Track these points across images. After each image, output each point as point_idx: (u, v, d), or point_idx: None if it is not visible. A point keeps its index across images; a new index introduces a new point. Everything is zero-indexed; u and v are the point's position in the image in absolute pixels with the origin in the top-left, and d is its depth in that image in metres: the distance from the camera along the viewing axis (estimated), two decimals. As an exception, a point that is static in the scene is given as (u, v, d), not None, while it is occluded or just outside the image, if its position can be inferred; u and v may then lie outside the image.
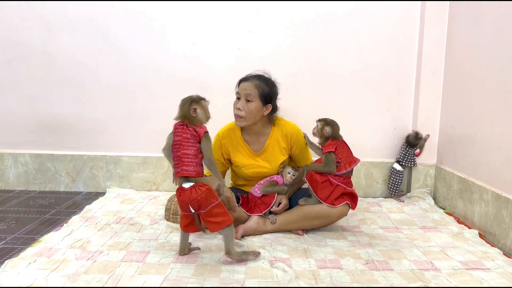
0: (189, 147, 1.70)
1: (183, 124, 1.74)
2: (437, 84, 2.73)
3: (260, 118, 2.15)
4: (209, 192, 1.69)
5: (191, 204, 1.67)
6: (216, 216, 1.69)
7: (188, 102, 1.76)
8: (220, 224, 1.69)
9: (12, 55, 2.85)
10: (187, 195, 1.67)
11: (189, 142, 1.70)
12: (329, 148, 2.06)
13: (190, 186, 1.68)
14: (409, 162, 2.75)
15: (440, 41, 2.70)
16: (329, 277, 1.63)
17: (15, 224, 2.22)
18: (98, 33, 2.81)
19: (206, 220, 1.70)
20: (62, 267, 1.67)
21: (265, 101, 2.12)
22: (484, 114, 2.24)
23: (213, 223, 1.69)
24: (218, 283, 1.57)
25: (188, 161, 1.69)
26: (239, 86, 2.14)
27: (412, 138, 2.74)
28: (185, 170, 1.69)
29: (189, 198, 1.67)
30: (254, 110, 2.10)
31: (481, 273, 1.69)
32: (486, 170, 2.21)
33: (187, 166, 1.69)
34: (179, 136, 1.72)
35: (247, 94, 2.08)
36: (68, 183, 2.95)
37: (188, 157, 1.69)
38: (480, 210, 2.20)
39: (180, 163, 1.70)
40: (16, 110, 2.90)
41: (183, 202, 1.69)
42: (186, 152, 1.70)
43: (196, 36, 2.80)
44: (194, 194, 1.66)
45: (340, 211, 2.07)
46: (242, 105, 2.10)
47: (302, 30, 2.78)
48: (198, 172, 1.71)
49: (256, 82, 2.11)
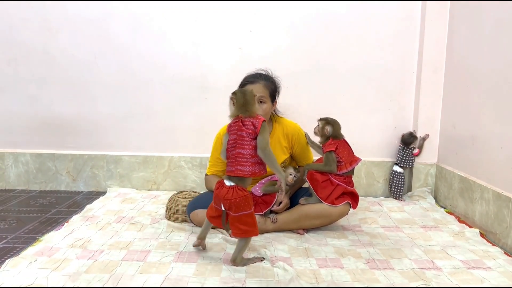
0: (244, 145, 1.65)
1: (237, 121, 1.68)
2: (438, 83, 2.73)
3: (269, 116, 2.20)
4: (245, 199, 1.64)
5: (223, 202, 1.65)
6: (243, 224, 1.66)
7: (247, 92, 1.72)
8: (245, 233, 1.67)
9: (12, 55, 2.85)
10: (223, 193, 1.64)
11: (243, 141, 1.65)
12: (329, 148, 2.06)
13: (231, 185, 1.65)
14: (407, 163, 2.75)
15: (441, 40, 2.69)
16: (330, 276, 1.63)
17: (16, 224, 2.22)
18: (99, 33, 2.81)
19: (233, 223, 1.67)
20: (63, 266, 1.67)
21: (273, 98, 2.16)
22: (485, 113, 2.24)
23: (238, 229, 1.66)
24: (219, 282, 1.57)
25: (243, 161, 1.64)
26: None
27: (406, 136, 2.75)
28: (239, 170, 1.64)
29: (224, 196, 1.64)
30: (268, 110, 2.14)
31: (482, 272, 1.68)
32: (487, 169, 2.21)
33: (242, 166, 1.64)
34: (234, 135, 1.67)
35: (260, 96, 2.08)
36: (68, 183, 2.95)
37: (243, 157, 1.64)
38: (481, 209, 2.20)
39: (235, 162, 1.65)
40: (17, 109, 2.90)
41: (217, 197, 1.67)
42: (241, 152, 1.65)
43: (196, 35, 2.80)
44: (229, 195, 1.63)
45: (341, 211, 2.07)
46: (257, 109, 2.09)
47: (303, 29, 2.77)
48: (254, 172, 1.65)
49: (264, 82, 2.11)
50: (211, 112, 2.85)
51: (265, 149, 1.64)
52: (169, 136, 2.92)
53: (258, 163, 1.67)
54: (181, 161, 2.91)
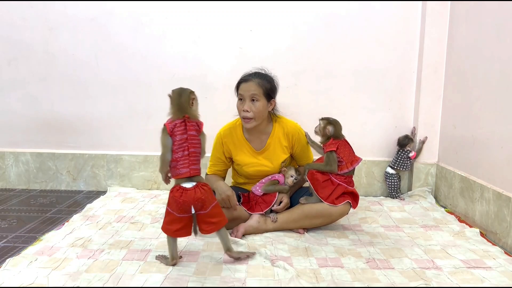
0: (195, 144, 1.65)
1: (183, 120, 1.66)
2: (438, 82, 2.73)
3: (266, 115, 2.15)
4: (211, 191, 1.68)
5: (194, 204, 1.61)
6: (214, 217, 1.67)
7: (188, 92, 1.70)
8: (217, 224, 1.68)
9: (13, 54, 2.85)
10: (190, 195, 1.60)
11: (195, 138, 1.65)
12: (330, 147, 2.06)
13: (193, 185, 1.63)
14: (402, 165, 2.75)
15: (441, 39, 2.69)
16: (330, 276, 1.63)
17: (16, 223, 2.23)
18: (99, 32, 2.81)
19: (206, 220, 1.66)
20: (63, 265, 1.67)
21: (269, 97, 2.13)
22: (485, 113, 2.24)
23: (210, 223, 1.66)
24: (219, 281, 1.57)
25: (195, 159, 1.65)
26: (241, 88, 2.12)
27: (401, 138, 2.77)
28: (194, 169, 1.64)
29: (193, 198, 1.60)
30: (262, 109, 2.10)
31: (482, 272, 1.68)
32: (487, 168, 2.21)
33: (195, 164, 1.65)
34: (185, 134, 1.64)
35: (252, 94, 2.08)
36: (69, 182, 2.95)
37: (196, 155, 1.65)
38: (481, 209, 2.20)
39: (188, 162, 1.63)
40: (17, 109, 2.91)
41: (186, 203, 1.60)
42: (194, 151, 1.65)
43: (197, 35, 2.80)
44: (198, 194, 1.61)
45: (341, 210, 2.07)
46: (249, 106, 2.09)
47: (303, 29, 2.77)
48: (200, 170, 1.68)
49: (258, 80, 2.10)
50: (211, 112, 2.82)
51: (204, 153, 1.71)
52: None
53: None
54: (182, 160, 2.91)
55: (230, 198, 2.04)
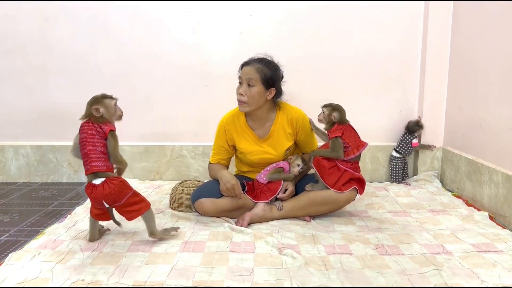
0: (95, 143, 1.68)
1: (88, 121, 1.72)
2: (443, 64, 2.68)
3: (263, 103, 2.10)
4: (122, 184, 1.69)
5: (105, 199, 1.66)
6: (132, 205, 1.70)
7: (90, 102, 1.75)
8: (138, 211, 1.71)
9: (8, 46, 2.80)
10: (99, 192, 1.65)
11: (94, 138, 1.68)
12: (335, 133, 2.02)
13: (102, 181, 1.66)
14: (404, 150, 2.71)
15: (446, 20, 2.63)
16: (339, 263, 1.60)
17: (18, 217, 2.20)
18: (96, 21, 2.75)
19: (124, 210, 1.71)
20: (67, 258, 1.64)
21: (267, 85, 2.06)
22: (492, 94, 2.19)
23: (130, 212, 1.70)
24: (226, 271, 1.55)
25: (96, 157, 1.67)
26: (241, 71, 2.08)
27: (411, 124, 2.72)
28: (95, 166, 1.66)
29: (102, 194, 1.64)
30: (257, 95, 2.05)
31: (493, 256, 1.66)
32: (496, 151, 2.17)
33: (96, 161, 1.67)
34: (85, 133, 1.70)
35: (249, 78, 2.03)
36: (70, 174, 2.92)
37: (95, 153, 1.67)
38: (490, 192, 2.16)
39: (88, 160, 1.67)
40: (15, 101, 2.86)
41: (96, 199, 1.67)
42: (92, 148, 1.67)
43: (195, 21, 2.74)
44: (107, 189, 1.64)
45: (348, 196, 2.04)
46: (244, 90, 2.04)
47: (304, 13, 2.71)
48: (108, 167, 1.69)
49: (258, 65, 2.05)
50: (212, 100, 2.81)
51: (117, 157, 1.73)
52: (170, 125, 2.88)
53: (108, 159, 1.72)
54: (183, 150, 2.88)
55: (234, 187, 2.01)
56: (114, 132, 1.74)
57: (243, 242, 1.80)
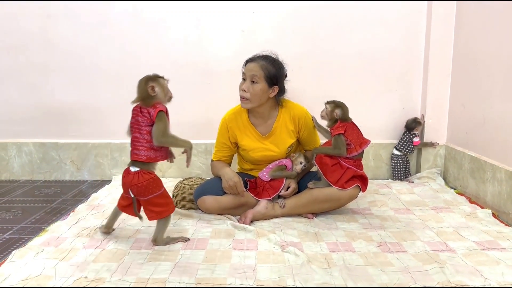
0: (141, 130, 1.66)
1: (138, 106, 1.69)
2: (446, 62, 2.67)
3: (266, 100, 2.09)
4: (152, 181, 1.66)
5: (131, 188, 1.66)
6: (156, 206, 1.68)
7: (144, 80, 1.70)
8: (159, 214, 1.69)
9: (11, 43, 2.80)
10: (129, 179, 1.65)
11: (141, 124, 1.66)
12: (338, 130, 2.01)
13: (136, 171, 1.66)
14: (405, 148, 2.71)
15: (449, 17, 2.62)
16: (342, 261, 1.60)
17: (21, 214, 2.20)
18: (99, 18, 2.75)
19: (146, 207, 1.69)
20: (70, 256, 1.65)
21: (271, 82, 2.06)
22: (495, 91, 2.18)
23: (152, 211, 1.68)
24: (229, 268, 1.55)
25: (139, 145, 1.66)
26: (245, 67, 2.08)
27: (409, 121, 2.73)
28: (135, 154, 1.66)
29: (130, 182, 1.65)
30: (259, 92, 2.04)
31: (496, 253, 1.65)
32: (499, 148, 2.16)
33: (137, 149, 1.66)
34: (134, 118, 1.69)
35: (252, 75, 2.03)
36: (73, 172, 2.93)
37: (139, 140, 1.66)
38: (493, 189, 2.16)
39: (132, 146, 1.68)
40: (18, 99, 2.86)
41: (125, 185, 1.68)
42: (138, 136, 1.66)
43: (197, 19, 2.74)
44: (135, 180, 1.64)
45: (351, 194, 2.03)
46: (247, 87, 2.04)
47: (307, 10, 2.70)
48: (149, 157, 1.66)
49: (262, 62, 2.05)
50: (214, 97, 2.80)
51: (159, 139, 1.65)
52: (172, 123, 2.85)
53: (155, 149, 1.67)
54: (186, 147, 2.87)
55: (237, 184, 2.01)
56: (163, 113, 1.67)
57: (245, 240, 1.80)
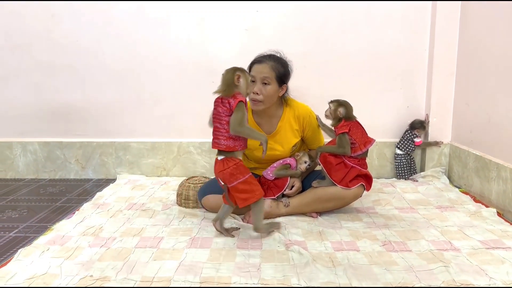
0: (222, 120, 1.72)
1: (219, 97, 1.76)
2: (451, 59, 2.66)
3: (276, 100, 2.10)
4: (236, 168, 1.72)
5: (218, 175, 1.75)
6: (241, 192, 1.73)
7: (233, 69, 1.77)
8: (245, 200, 1.73)
9: (15, 42, 2.81)
10: (217, 167, 1.75)
11: (221, 115, 1.72)
12: (342, 129, 2.01)
13: (222, 158, 1.74)
14: (406, 147, 2.71)
15: (454, 15, 2.61)
16: (346, 260, 1.60)
17: (26, 213, 2.21)
18: (102, 18, 2.76)
19: (234, 195, 1.75)
20: (76, 254, 1.66)
21: (281, 82, 2.06)
22: (500, 90, 2.17)
23: (239, 198, 1.74)
24: (233, 267, 1.55)
25: (219, 134, 1.73)
26: (253, 69, 2.07)
27: (415, 122, 2.73)
28: (215, 143, 1.75)
29: (217, 170, 1.75)
30: (272, 93, 2.05)
31: (502, 252, 1.65)
32: (504, 147, 2.15)
33: (217, 139, 1.74)
34: (215, 109, 1.76)
35: (264, 77, 2.02)
36: (78, 171, 2.94)
37: (219, 130, 1.73)
38: (498, 188, 2.15)
39: (213, 136, 1.76)
40: (23, 98, 2.88)
41: (215, 173, 1.78)
42: (219, 126, 1.73)
43: (201, 18, 2.74)
44: (221, 167, 1.73)
45: (355, 193, 2.03)
46: (260, 89, 2.03)
47: (311, 8, 2.70)
48: (228, 146, 1.73)
49: (272, 63, 2.04)
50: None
51: (235, 128, 1.69)
52: (177, 122, 2.89)
53: (234, 139, 1.73)
54: (190, 146, 2.88)
55: None
56: (243, 103, 1.72)
57: (250, 239, 1.81)
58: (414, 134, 2.71)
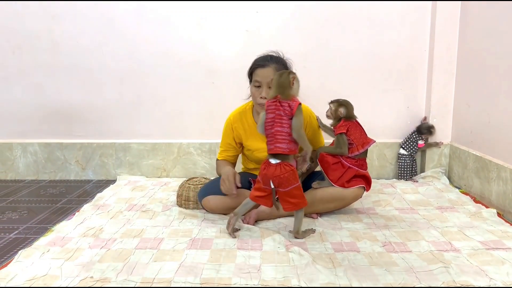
0: (283, 124, 1.72)
1: (275, 101, 1.74)
2: (451, 60, 2.66)
3: None
4: (292, 173, 1.73)
5: (272, 179, 1.72)
6: (293, 197, 1.76)
7: (288, 72, 1.79)
8: (295, 205, 1.77)
9: (16, 43, 2.81)
10: (271, 171, 1.72)
11: (282, 118, 1.72)
12: (340, 130, 2.01)
13: (277, 163, 1.73)
14: (409, 148, 2.71)
15: (454, 16, 2.61)
16: (346, 261, 1.60)
17: (27, 214, 2.21)
18: (103, 18, 2.76)
19: (284, 198, 1.77)
20: (76, 256, 1.66)
21: None
22: (500, 91, 2.17)
23: (289, 203, 1.77)
24: (234, 268, 1.55)
25: (281, 138, 1.72)
26: (257, 73, 2.04)
27: (423, 126, 2.72)
28: (279, 147, 1.73)
29: (272, 174, 1.72)
30: None
31: (502, 253, 1.65)
32: (504, 147, 2.15)
33: (281, 143, 1.72)
34: (273, 113, 1.74)
35: (270, 81, 2.00)
36: (78, 172, 2.94)
37: (282, 134, 1.72)
38: (498, 189, 2.15)
39: (274, 140, 1.74)
40: (23, 99, 2.88)
41: (266, 176, 1.74)
42: (280, 129, 1.72)
43: (202, 18, 2.74)
44: (278, 171, 1.71)
45: (355, 193, 2.03)
46: (267, 93, 2.02)
47: (311, 9, 2.70)
48: (291, 149, 1.74)
49: (274, 65, 2.02)
50: (219, 97, 2.81)
51: (299, 131, 1.73)
52: (177, 123, 2.89)
53: (294, 142, 1.75)
54: (190, 147, 2.88)
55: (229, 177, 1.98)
56: (301, 106, 1.76)
57: (250, 240, 1.81)
58: (420, 137, 2.71)
